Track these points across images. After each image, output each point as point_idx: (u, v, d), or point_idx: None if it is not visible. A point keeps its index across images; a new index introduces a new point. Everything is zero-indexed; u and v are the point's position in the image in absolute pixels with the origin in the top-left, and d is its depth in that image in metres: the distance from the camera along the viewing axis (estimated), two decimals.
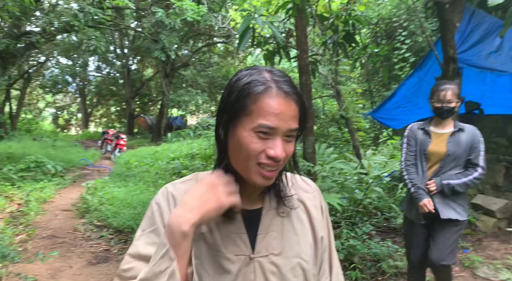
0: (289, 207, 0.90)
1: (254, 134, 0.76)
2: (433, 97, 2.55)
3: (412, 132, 2.67)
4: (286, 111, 0.76)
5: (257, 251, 0.85)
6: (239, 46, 2.78)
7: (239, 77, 0.79)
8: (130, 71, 22.36)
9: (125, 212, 5.41)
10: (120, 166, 9.96)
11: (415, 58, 10.47)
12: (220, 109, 0.83)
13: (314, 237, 0.94)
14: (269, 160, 0.77)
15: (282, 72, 0.82)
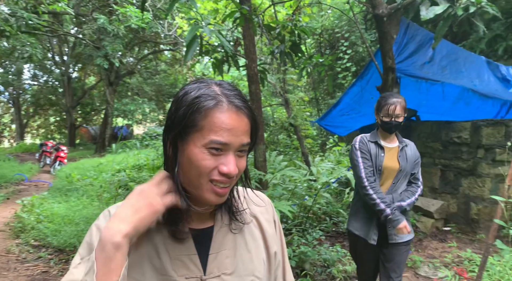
0: (241, 222, 0.88)
1: (205, 151, 0.73)
2: (381, 111, 2.41)
3: (364, 145, 2.46)
4: (238, 126, 0.74)
5: (208, 272, 0.82)
6: (186, 55, 2.72)
7: (187, 91, 0.76)
8: (71, 80, 21.22)
9: (67, 229, 5.07)
10: (60, 179, 9.35)
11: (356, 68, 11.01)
12: (167, 126, 0.78)
13: (268, 252, 0.92)
14: (222, 176, 0.74)
15: (231, 85, 0.79)
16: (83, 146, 23.54)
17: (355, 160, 2.43)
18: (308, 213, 5.02)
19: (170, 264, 0.79)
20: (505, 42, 8.04)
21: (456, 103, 5.82)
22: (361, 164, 2.40)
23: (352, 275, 3.75)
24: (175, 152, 0.77)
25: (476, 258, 4.01)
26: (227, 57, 4.85)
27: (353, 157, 2.46)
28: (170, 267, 0.79)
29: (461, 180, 5.25)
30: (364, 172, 2.37)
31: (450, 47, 5.77)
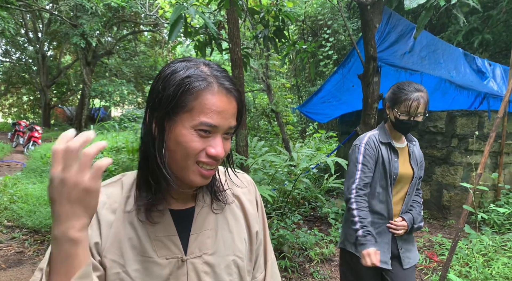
0: (223, 202, 0.88)
1: (194, 132, 0.72)
2: (397, 106, 1.88)
3: (371, 147, 1.94)
4: (227, 108, 0.74)
5: (189, 252, 0.82)
6: (170, 35, 2.68)
7: (175, 70, 0.73)
8: (46, 58, 20.45)
9: (42, 210, 4.99)
10: (35, 160, 9.13)
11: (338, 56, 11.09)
12: (151, 104, 0.75)
13: (249, 232, 0.93)
14: (209, 158, 0.74)
15: (219, 66, 0.78)
16: (59, 127, 22.90)
17: (354, 165, 1.94)
18: (287, 197, 5.11)
19: (150, 245, 0.79)
20: (481, 35, 8.26)
21: (433, 93, 5.98)
22: (359, 172, 1.91)
23: (329, 257, 3.87)
24: (161, 132, 0.74)
25: (446, 242, 4.20)
26: (210, 39, 4.79)
27: (352, 160, 1.96)
28: (150, 247, 0.79)
29: (435, 168, 5.44)
30: (358, 182, 1.90)
31: (429, 38, 5.89)
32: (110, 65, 20.43)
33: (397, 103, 1.87)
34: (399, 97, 1.86)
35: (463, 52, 6.07)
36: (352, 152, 1.99)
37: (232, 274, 0.86)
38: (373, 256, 1.76)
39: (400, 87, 1.90)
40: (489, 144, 2.41)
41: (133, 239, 0.79)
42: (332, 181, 5.18)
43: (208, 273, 0.83)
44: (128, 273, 0.77)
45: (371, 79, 5.06)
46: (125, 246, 0.78)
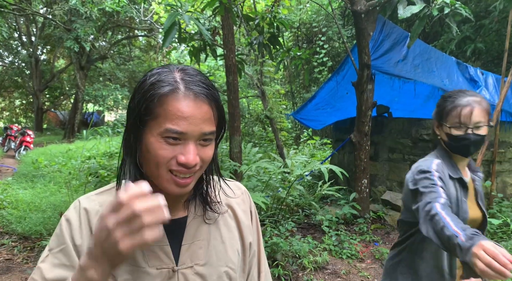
0: (216, 212, 0.87)
1: (162, 140, 0.70)
2: (446, 119, 1.46)
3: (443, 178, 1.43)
4: (196, 114, 0.70)
5: (181, 262, 0.81)
6: (164, 41, 2.67)
7: (146, 78, 0.73)
8: (39, 62, 20.33)
9: (32, 216, 4.91)
10: (26, 165, 9.03)
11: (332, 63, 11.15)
12: (127, 113, 0.76)
13: (243, 243, 0.91)
14: (180, 166, 0.71)
15: (196, 71, 0.76)
16: (51, 131, 22.73)
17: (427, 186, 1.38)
18: (281, 204, 5.09)
19: (141, 255, 0.78)
20: (473, 44, 8.36)
21: (426, 101, 6.02)
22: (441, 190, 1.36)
23: (322, 265, 3.84)
24: (134, 141, 0.74)
25: None
26: (205, 46, 4.79)
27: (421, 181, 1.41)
28: (141, 257, 0.78)
29: None
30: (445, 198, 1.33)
31: (423, 46, 5.94)
32: (104, 70, 20.35)
33: (444, 116, 1.46)
34: (445, 108, 1.47)
35: (456, 61, 6.13)
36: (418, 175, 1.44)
37: None
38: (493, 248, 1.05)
39: (446, 96, 1.51)
40: (481, 153, 2.42)
41: None
42: (326, 188, 5.17)
43: None
44: None
45: (365, 87, 5.09)
46: None
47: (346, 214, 5.08)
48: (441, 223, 1.22)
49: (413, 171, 1.51)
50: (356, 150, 5.29)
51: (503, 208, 5.03)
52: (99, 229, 0.60)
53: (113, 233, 0.58)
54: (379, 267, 3.94)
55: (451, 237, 1.16)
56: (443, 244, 1.21)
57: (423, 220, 1.30)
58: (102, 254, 0.61)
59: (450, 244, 1.17)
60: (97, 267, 0.62)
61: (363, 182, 5.28)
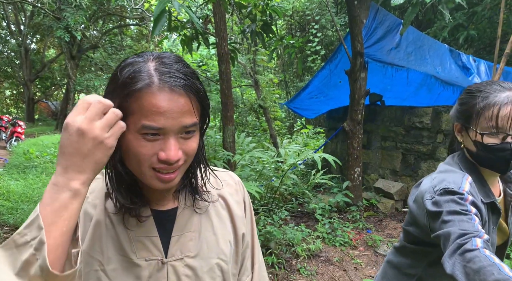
0: (206, 201, 0.85)
1: (140, 137, 0.67)
2: (476, 121, 1.09)
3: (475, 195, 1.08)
4: (173, 107, 0.66)
5: (170, 254, 0.79)
6: (154, 29, 2.62)
7: (121, 70, 0.68)
8: (29, 51, 20.00)
9: (24, 208, 4.88)
10: (18, 156, 8.94)
11: (325, 51, 11.10)
12: None
13: (235, 234, 0.90)
14: (162, 163, 0.68)
15: (173, 58, 0.70)
16: (43, 122, 22.52)
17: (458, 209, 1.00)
18: (274, 193, 5.11)
19: (129, 245, 0.77)
20: (466, 31, 8.36)
21: (419, 89, 6.03)
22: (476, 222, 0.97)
23: (315, 253, 3.88)
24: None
25: None
26: (197, 34, 4.73)
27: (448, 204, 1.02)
28: (129, 248, 0.77)
29: (420, 164, 5.49)
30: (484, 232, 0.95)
31: (416, 34, 5.92)
32: (95, 59, 20.08)
33: (473, 117, 1.09)
34: (473, 106, 1.09)
35: (449, 48, 6.13)
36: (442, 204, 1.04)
37: (215, 278, 0.83)
38: None
39: (473, 90, 1.12)
40: None
41: (113, 237, 0.77)
42: (319, 177, 5.19)
43: (189, 277, 0.80)
44: (105, 272, 0.75)
45: (358, 75, 5.08)
46: (105, 243, 0.76)
47: (339, 202, 5.11)
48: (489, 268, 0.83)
49: (433, 185, 1.11)
50: (349, 138, 5.31)
51: None
52: (72, 134, 0.60)
53: (93, 132, 0.60)
54: (372, 254, 3.99)
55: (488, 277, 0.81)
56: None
57: (451, 254, 0.93)
58: (84, 160, 0.61)
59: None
60: (80, 177, 0.61)
61: (356, 170, 5.31)
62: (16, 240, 0.58)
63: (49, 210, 0.59)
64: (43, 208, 0.59)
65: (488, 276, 0.80)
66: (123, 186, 0.75)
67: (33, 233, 0.57)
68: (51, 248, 0.57)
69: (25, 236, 0.58)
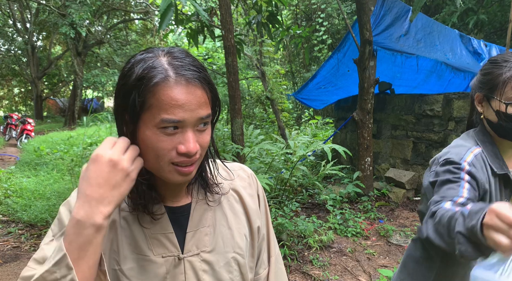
0: (217, 193, 0.85)
1: (159, 132, 0.67)
2: (500, 91, 1.08)
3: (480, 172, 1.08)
4: (190, 100, 0.67)
5: (186, 250, 0.79)
6: (161, 24, 2.60)
7: (132, 66, 0.68)
8: (35, 49, 20.11)
9: (37, 204, 4.94)
10: (28, 153, 9.04)
11: (332, 41, 10.97)
12: (117, 105, 0.71)
13: (250, 227, 0.90)
14: (182, 157, 0.69)
15: (183, 52, 0.72)
16: (51, 119, 22.72)
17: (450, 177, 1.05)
18: (284, 185, 5.09)
19: (145, 243, 0.77)
20: (476, 15, 8.18)
21: (429, 77, 5.94)
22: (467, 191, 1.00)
23: (328, 244, 3.87)
24: (131, 137, 0.70)
25: None
26: (202, 27, 4.69)
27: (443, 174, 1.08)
28: (145, 246, 0.77)
29: (432, 152, 5.43)
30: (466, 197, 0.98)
31: (425, 20, 5.81)
32: (101, 55, 20.14)
33: (498, 87, 1.08)
34: (500, 75, 1.07)
35: (459, 34, 6.01)
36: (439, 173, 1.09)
37: (232, 272, 0.84)
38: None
39: (499, 60, 1.10)
40: None
41: (128, 236, 0.77)
42: (329, 168, 5.16)
43: (206, 271, 0.81)
44: (123, 271, 0.75)
45: (367, 64, 5.01)
46: (121, 243, 0.76)
47: (350, 192, 5.08)
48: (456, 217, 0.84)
49: (438, 157, 1.18)
50: (359, 128, 5.25)
51: None
52: (102, 165, 0.64)
53: (123, 163, 0.65)
54: (384, 244, 3.96)
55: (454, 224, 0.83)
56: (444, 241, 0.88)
57: (424, 221, 0.97)
58: (112, 191, 0.64)
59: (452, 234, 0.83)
60: (103, 210, 0.62)
61: (366, 160, 5.26)
62: (45, 278, 0.60)
63: (75, 247, 0.61)
64: (68, 244, 0.61)
65: (458, 226, 0.81)
66: (136, 184, 0.74)
67: (62, 271, 0.59)
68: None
69: (55, 274, 0.59)
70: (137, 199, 0.75)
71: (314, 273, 3.34)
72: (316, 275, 3.30)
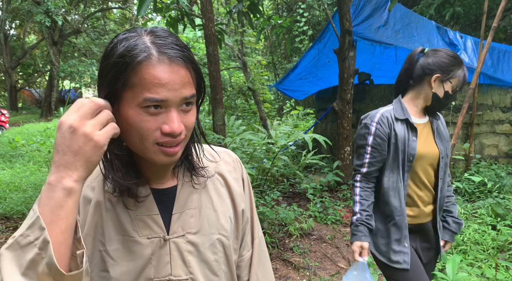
0: (203, 176, 0.85)
1: (142, 111, 0.66)
2: (449, 77, 1.57)
3: (383, 127, 1.64)
4: (174, 79, 0.66)
5: (172, 231, 0.80)
6: (139, 10, 2.56)
7: (115, 45, 0.68)
8: (8, 38, 19.41)
9: (13, 197, 4.84)
10: (3, 145, 8.79)
11: (313, 32, 11.01)
12: (98, 85, 0.70)
13: (235, 210, 0.91)
14: (166, 137, 0.68)
15: (166, 32, 0.71)
16: (27, 110, 22.09)
17: (363, 146, 1.68)
18: (266, 175, 5.13)
19: (131, 224, 0.77)
20: (452, 8, 8.35)
21: None
22: (368, 156, 1.65)
23: (308, 232, 3.93)
24: (114, 112, 0.69)
25: None
26: (182, 15, 4.63)
27: (361, 140, 1.69)
28: (131, 227, 0.77)
29: None
30: (367, 167, 1.66)
31: (403, 11, 5.89)
32: (78, 45, 19.63)
33: (454, 76, 1.56)
34: (455, 69, 1.56)
35: (436, 25, 6.12)
36: (361, 131, 1.70)
37: (217, 253, 0.85)
38: (364, 250, 1.59)
39: (452, 55, 1.58)
40: (462, 115, 2.46)
41: (113, 217, 0.77)
42: (310, 157, 5.22)
43: (191, 252, 0.82)
44: (108, 252, 0.76)
45: (347, 54, 5.06)
46: (106, 224, 0.77)
47: (330, 181, 5.17)
48: (353, 201, 1.68)
49: (362, 118, 1.75)
50: (339, 118, 5.32)
51: (481, 168, 5.21)
52: (64, 132, 0.61)
53: (83, 128, 0.61)
54: None
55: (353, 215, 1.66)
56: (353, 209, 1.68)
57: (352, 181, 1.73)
58: (75, 157, 0.61)
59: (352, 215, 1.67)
60: (72, 174, 0.61)
61: (346, 149, 5.35)
62: (19, 241, 0.59)
63: (47, 210, 0.60)
64: (41, 208, 0.60)
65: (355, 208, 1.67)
66: (120, 166, 0.75)
67: (36, 233, 0.59)
68: (54, 246, 0.58)
69: (28, 237, 0.59)
70: (121, 181, 0.74)
71: (294, 260, 3.40)
72: (297, 262, 3.36)
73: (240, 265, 0.95)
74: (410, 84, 1.67)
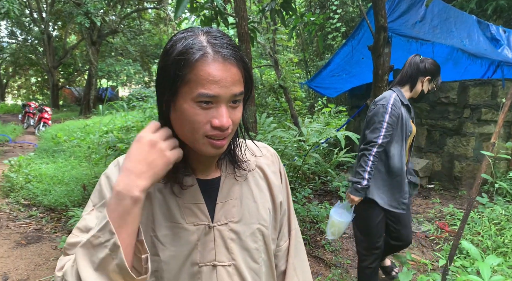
0: (245, 169, 0.91)
1: (195, 105, 0.72)
2: (434, 78, 2.31)
3: (396, 108, 2.19)
4: (226, 76, 0.72)
5: (216, 219, 0.86)
6: (176, 11, 2.63)
7: (174, 43, 0.74)
8: (51, 38, 20.37)
9: (57, 189, 5.10)
10: (46, 141, 9.27)
11: (346, 28, 10.83)
12: (158, 80, 0.78)
13: (273, 202, 0.96)
14: (215, 130, 0.74)
15: (220, 32, 0.77)
16: (67, 108, 23.11)
17: (380, 122, 2.17)
18: (297, 173, 5.13)
19: (179, 212, 0.83)
20: (495, 1, 7.96)
21: (445, 63, 5.83)
22: (384, 130, 2.16)
23: None
24: (168, 109, 0.77)
25: (457, 213, 4.20)
26: (216, 14, 4.70)
27: (379, 118, 2.18)
28: (179, 214, 0.83)
29: (446, 139, 5.38)
30: (382, 139, 2.15)
31: (441, 6, 5.69)
32: (115, 45, 20.30)
33: (437, 78, 2.29)
34: (438, 73, 2.30)
35: (477, 20, 5.88)
36: (378, 110, 2.20)
37: (257, 241, 0.90)
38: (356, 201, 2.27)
39: (438, 65, 2.30)
40: (504, 112, 2.35)
41: (162, 206, 0.83)
42: (342, 155, 5.17)
43: (234, 240, 0.87)
44: (158, 238, 0.82)
45: (382, 51, 4.95)
46: (156, 212, 0.83)
47: None
48: (365, 164, 2.17)
49: (376, 100, 2.30)
50: None
51: None
52: (143, 144, 0.72)
53: (160, 145, 0.72)
54: None
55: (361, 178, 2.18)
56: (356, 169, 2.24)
57: (363, 147, 2.21)
58: (148, 167, 0.70)
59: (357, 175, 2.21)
60: (139, 184, 0.69)
61: None
62: (92, 241, 0.67)
63: (116, 215, 0.67)
64: (110, 213, 0.68)
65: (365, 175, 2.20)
66: None
67: (106, 235, 0.66)
68: (123, 248, 0.66)
69: (99, 238, 0.67)
70: (170, 172, 0.80)
71: (326, 257, 3.40)
72: (328, 259, 3.36)
73: (278, 254, 1.00)
74: (408, 80, 2.29)
